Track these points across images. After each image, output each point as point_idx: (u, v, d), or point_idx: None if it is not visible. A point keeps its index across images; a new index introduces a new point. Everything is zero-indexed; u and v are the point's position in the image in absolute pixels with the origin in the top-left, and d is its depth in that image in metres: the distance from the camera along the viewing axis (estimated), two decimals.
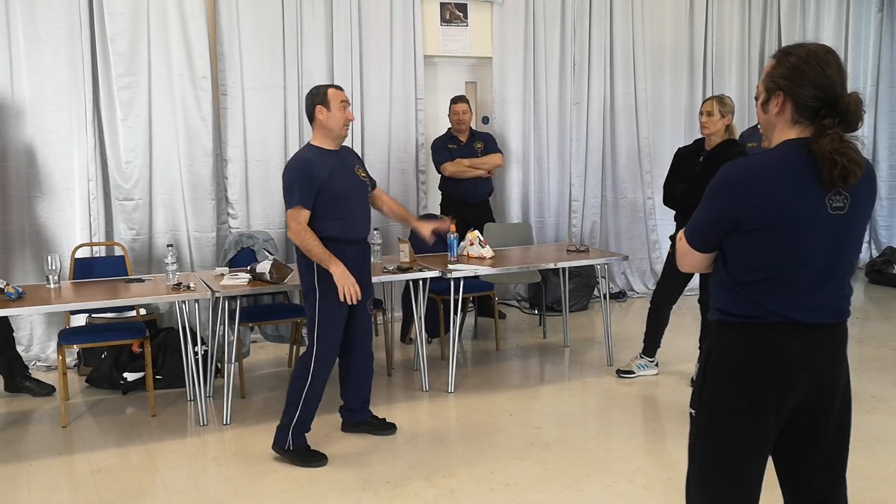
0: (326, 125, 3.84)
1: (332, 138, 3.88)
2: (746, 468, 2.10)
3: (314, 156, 3.83)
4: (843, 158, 1.92)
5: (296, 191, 3.76)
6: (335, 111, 3.82)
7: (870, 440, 4.02)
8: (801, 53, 2.02)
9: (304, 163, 3.81)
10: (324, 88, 3.88)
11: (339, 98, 3.85)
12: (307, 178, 3.75)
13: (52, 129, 5.48)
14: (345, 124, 3.86)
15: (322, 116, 3.83)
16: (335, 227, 3.82)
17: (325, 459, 3.87)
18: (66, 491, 3.63)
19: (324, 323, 3.84)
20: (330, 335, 3.87)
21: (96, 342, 4.79)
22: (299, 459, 3.85)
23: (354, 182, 3.94)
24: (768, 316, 2.04)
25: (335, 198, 3.81)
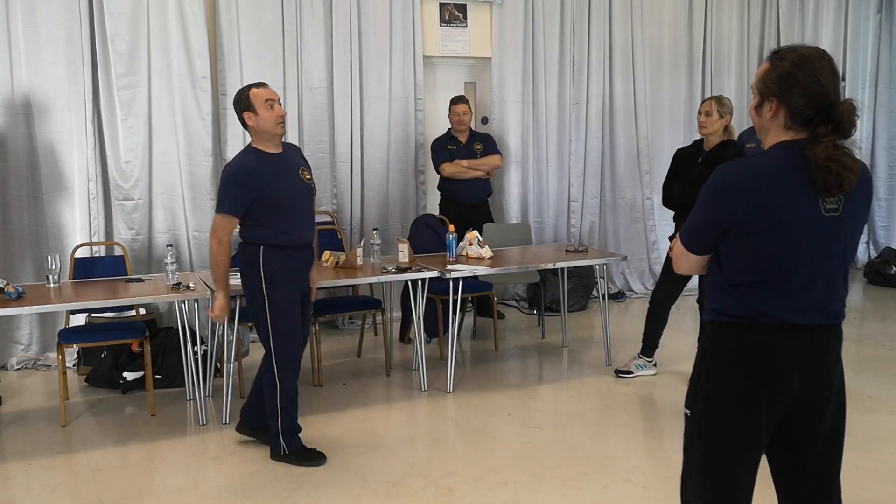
0: (258, 129, 3.69)
1: (269, 139, 3.73)
2: (739, 468, 2.12)
3: (256, 161, 3.70)
4: (837, 166, 1.92)
5: (229, 198, 3.66)
6: (262, 112, 3.66)
7: (867, 440, 4.03)
8: (794, 59, 2.00)
9: (244, 171, 3.67)
10: (246, 91, 3.71)
11: (263, 98, 3.68)
12: (244, 188, 3.64)
13: (52, 129, 5.49)
14: (277, 122, 3.70)
15: (251, 122, 3.69)
16: (278, 234, 3.71)
17: (323, 457, 3.86)
18: (65, 490, 3.63)
19: (278, 328, 3.75)
20: (287, 337, 3.79)
21: (96, 342, 4.80)
22: (298, 460, 3.84)
23: (298, 186, 3.79)
24: (761, 317, 2.05)
25: (277, 205, 3.69)
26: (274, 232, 3.71)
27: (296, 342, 3.85)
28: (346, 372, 5.40)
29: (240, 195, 3.65)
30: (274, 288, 3.73)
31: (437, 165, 6.34)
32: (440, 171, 6.32)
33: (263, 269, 3.72)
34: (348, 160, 6.45)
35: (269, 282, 3.72)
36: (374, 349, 5.90)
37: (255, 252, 3.72)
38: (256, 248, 3.73)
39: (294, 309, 3.82)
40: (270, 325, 3.76)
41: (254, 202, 3.66)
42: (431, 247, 5.69)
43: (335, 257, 4.99)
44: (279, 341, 3.77)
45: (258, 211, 3.68)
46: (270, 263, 3.72)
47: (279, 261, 3.73)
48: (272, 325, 3.76)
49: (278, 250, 3.73)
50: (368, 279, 4.96)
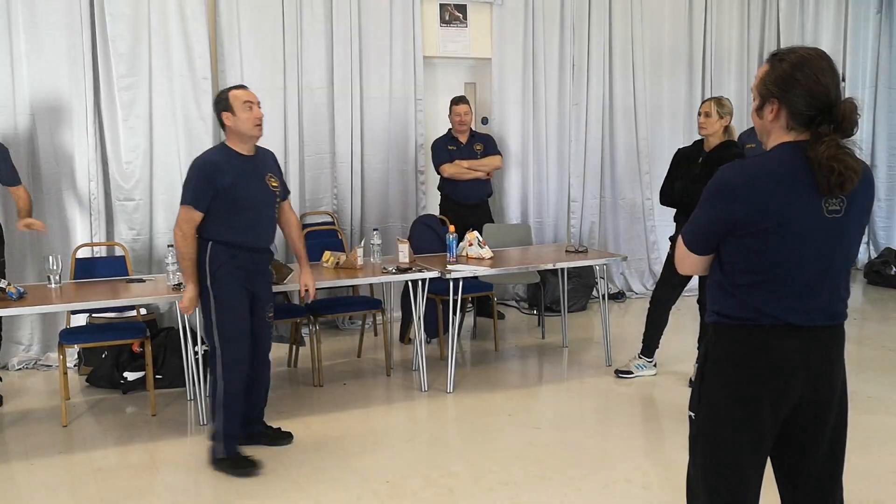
0: (236, 130, 3.73)
1: (244, 141, 3.77)
2: (744, 468, 2.12)
3: (223, 159, 3.73)
4: (839, 165, 1.92)
5: (191, 190, 3.68)
6: (240, 113, 3.70)
7: (867, 440, 4.03)
8: (793, 60, 2.00)
9: (208, 165, 3.70)
10: (226, 93, 3.76)
11: (242, 99, 3.72)
12: (207, 181, 3.66)
13: (53, 130, 5.50)
14: (255, 125, 3.74)
15: (230, 122, 3.72)
16: (233, 233, 3.72)
17: (255, 466, 3.76)
18: (66, 490, 3.64)
19: (222, 326, 3.73)
20: (231, 336, 3.74)
21: (97, 342, 4.80)
22: (231, 468, 3.75)
23: (261, 191, 3.81)
24: (764, 318, 2.05)
25: (237, 205, 3.70)
26: (224, 229, 3.71)
27: (241, 343, 3.78)
28: (346, 372, 5.41)
29: (202, 188, 3.66)
30: (218, 285, 3.72)
31: (437, 166, 6.35)
32: (440, 172, 6.33)
33: (209, 265, 3.71)
34: (348, 160, 6.46)
35: (214, 278, 3.71)
36: (374, 349, 5.90)
37: (204, 247, 3.73)
38: (205, 242, 3.73)
39: (240, 309, 3.77)
40: (215, 323, 3.73)
41: (214, 198, 3.67)
42: (431, 247, 5.69)
43: (335, 257, 4.99)
44: (223, 340, 3.74)
45: (214, 206, 3.68)
46: (215, 260, 3.71)
47: (224, 258, 3.71)
48: (216, 323, 3.73)
49: (225, 248, 3.72)
50: (369, 279, 4.97)
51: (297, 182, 6.30)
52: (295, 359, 5.49)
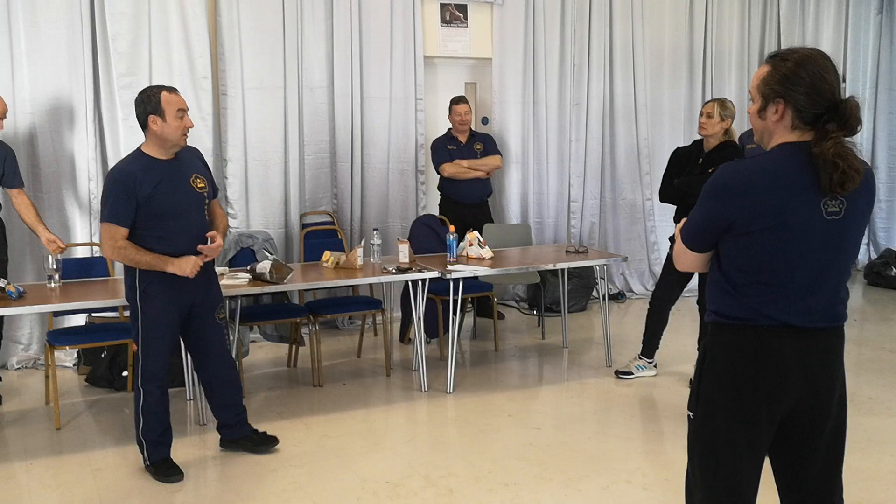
0: (161, 136, 3.53)
1: (167, 148, 3.59)
2: (742, 469, 2.12)
3: (140, 168, 3.54)
4: (844, 163, 1.93)
5: (109, 206, 3.50)
6: (171, 121, 3.52)
7: (867, 441, 4.03)
8: (797, 59, 2.01)
9: (125, 177, 3.51)
10: (157, 94, 3.52)
11: (175, 105, 3.53)
12: (125, 195, 3.48)
13: (53, 129, 5.49)
14: (183, 134, 3.57)
15: (156, 127, 3.51)
16: (161, 245, 3.56)
17: (180, 475, 3.70)
18: (66, 490, 3.63)
19: (146, 339, 3.64)
20: (153, 351, 3.65)
21: (86, 343, 4.77)
22: (155, 473, 3.71)
23: (187, 196, 3.64)
24: (761, 319, 2.05)
25: (159, 214, 3.54)
26: (151, 243, 3.55)
27: (160, 357, 3.69)
28: (345, 372, 5.40)
29: (120, 201, 3.49)
30: (146, 301, 3.62)
31: (437, 165, 6.35)
32: (440, 172, 6.33)
33: (138, 281, 3.60)
34: (348, 160, 6.45)
35: (143, 293, 3.60)
36: (374, 349, 5.89)
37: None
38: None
39: (166, 323, 3.67)
40: (140, 336, 3.64)
41: (137, 211, 3.51)
42: (432, 247, 5.69)
43: (335, 257, 4.99)
44: (145, 353, 3.64)
45: (138, 219, 3.53)
46: (145, 276, 3.59)
47: (153, 275, 3.58)
48: (141, 337, 3.64)
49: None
50: (368, 279, 4.96)
51: (296, 182, 6.30)
52: (295, 359, 5.49)
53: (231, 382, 4.01)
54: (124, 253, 3.52)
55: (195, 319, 3.79)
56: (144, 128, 3.58)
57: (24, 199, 4.82)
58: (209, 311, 3.84)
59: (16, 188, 4.80)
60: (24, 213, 4.79)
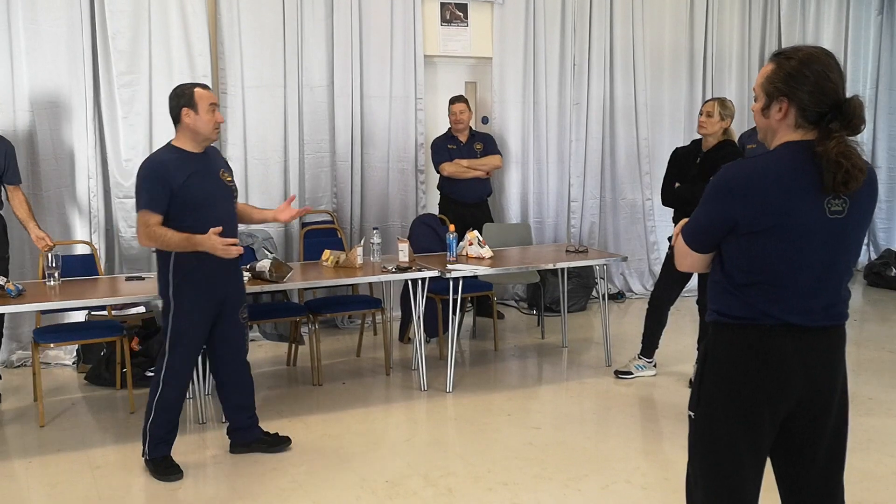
0: (194, 129, 3.61)
1: (199, 142, 3.66)
2: (743, 469, 2.11)
3: (172, 158, 3.61)
4: (847, 162, 1.92)
5: (144, 194, 3.55)
6: (203, 114, 3.59)
7: (867, 442, 4.03)
8: (801, 57, 2.00)
9: (158, 165, 3.58)
10: (190, 89, 3.62)
11: (207, 100, 3.61)
12: (159, 182, 3.53)
13: (53, 127, 5.49)
14: (215, 128, 3.65)
15: (189, 120, 3.59)
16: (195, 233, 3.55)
17: (179, 474, 3.69)
18: (65, 488, 3.63)
19: (176, 334, 3.66)
20: (182, 346, 3.68)
21: (71, 340, 4.75)
22: (154, 470, 3.71)
23: (217, 187, 3.70)
24: (763, 318, 2.05)
25: (192, 204, 3.57)
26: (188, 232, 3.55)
27: (189, 353, 3.74)
28: (345, 371, 5.40)
29: (155, 189, 3.53)
30: (179, 294, 3.63)
31: (436, 165, 6.35)
32: (440, 171, 6.33)
33: (172, 274, 3.61)
34: (348, 159, 6.45)
35: (176, 287, 3.62)
36: (373, 349, 5.89)
37: (167, 256, 3.62)
38: (168, 253, 3.62)
39: (197, 319, 3.69)
40: (170, 330, 3.66)
41: (171, 200, 3.56)
42: (431, 246, 5.69)
43: (335, 256, 4.98)
44: (173, 348, 3.67)
45: (172, 209, 3.56)
46: (179, 269, 3.61)
47: (189, 267, 3.60)
48: (171, 330, 3.66)
49: (191, 256, 3.56)
50: (368, 278, 4.96)
51: (296, 181, 6.30)
52: (294, 358, 5.48)
53: (248, 384, 4.00)
54: (156, 234, 3.52)
55: (221, 317, 3.79)
56: (177, 122, 3.65)
57: (21, 195, 4.82)
58: (234, 310, 3.85)
59: (15, 184, 4.80)
60: (18, 209, 4.79)
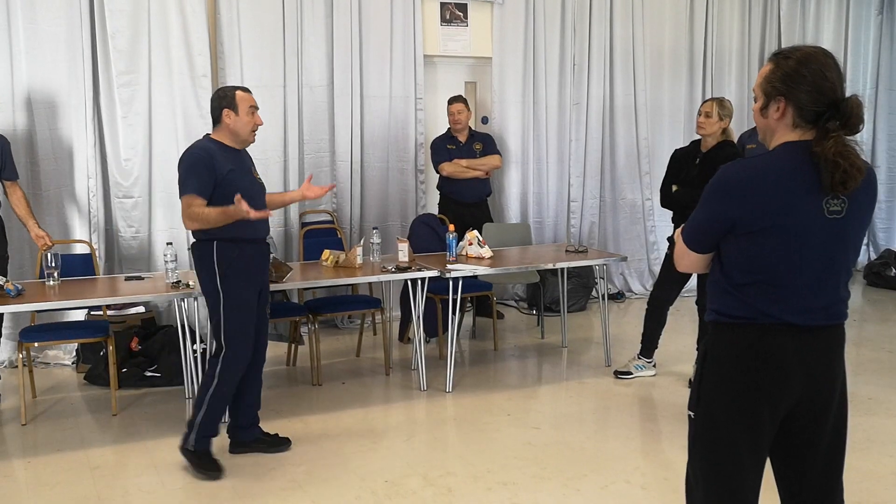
0: (233, 129, 3.71)
1: (238, 142, 3.76)
2: (743, 469, 2.11)
3: (216, 149, 3.68)
4: (845, 162, 1.92)
5: (193, 179, 3.58)
6: (243, 116, 3.69)
7: (867, 441, 4.03)
8: (799, 57, 2.01)
9: (205, 153, 3.63)
10: (231, 91, 3.73)
11: (248, 102, 3.71)
12: (206, 169, 3.59)
13: (52, 127, 5.49)
14: (253, 130, 3.74)
15: (229, 121, 3.69)
16: (231, 228, 3.61)
17: (220, 472, 3.71)
18: (64, 488, 3.62)
19: (231, 325, 3.68)
20: (241, 337, 3.71)
21: (58, 340, 4.76)
22: (197, 463, 3.72)
23: (252, 183, 3.78)
24: (763, 318, 2.05)
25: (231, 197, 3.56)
26: (227, 225, 3.61)
27: (248, 342, 3.76)
28: (344, 371, 5.40)
29: (203, 175, 3.59)
30: (228, 283, 3.67)
31: (436, 165, 6.35)
32: (439, 171, 6.33)
33: (217, 264, 3.65)
34: (348, 159, 6.45)
35: (224, 277, 3.66)
36: (373, 348, 5.89)
37: (209, 247, 3.66)
38: (209, 243, 3.65)
39: (250, 306, 3.75)
40: (224, 321, 3.67)
41: (215, 186, 3.61)
42: (431, 246, 5.68)
43: (335, 256, 4.98)
44: (229, 339, 3.69)
45: (215, 198, 3.60)
46: (224, 258, 3.66)
47: (233, 255, 3.67)
48: (226, 322, 3.67)
49: (231, 245, 3.66)
50: (368, 278, 4.95)
51: (296, 180, 6.29)
52: (294, 358, 5.48)
53: (260, 380, 4.03)
54: (197, 213, 3.56)
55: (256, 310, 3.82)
56: (217, 122, 3.74)
57: (19, 191, 4.80)
58: (264, 302, 3.91)
59: (12, 180, 4.79)
60: (17, 206, 4.78)
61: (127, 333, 5.20)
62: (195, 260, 3.76)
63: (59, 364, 5.46)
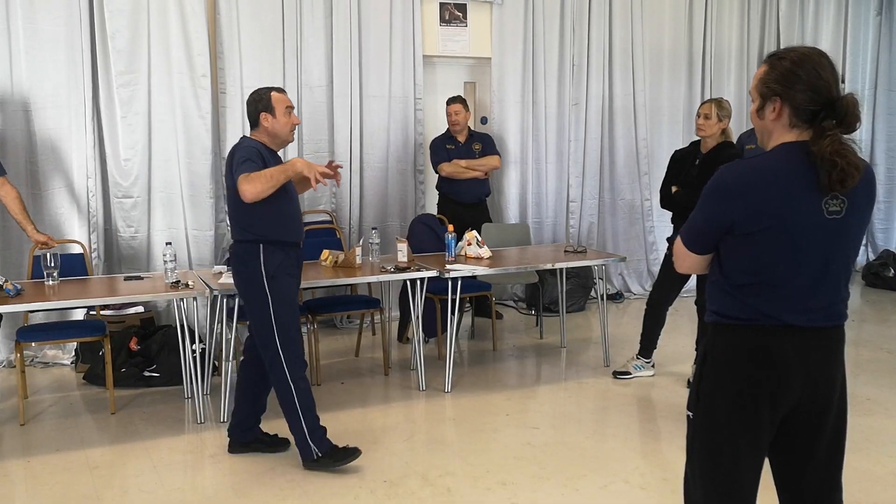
0: (272, 132, 3.71)
1: (277, 143, 3.77)
2: (742, 469, 2.11)
3: (261, 147, 3.70)
4: (842, 160, 1.92)
5: (250, 164, 3.55)
6: (280, 117, 3.69)
7: (865, 442, 4.03)
8: (794, 57, 2.01)
9: (258, 146, 3.67)
10: (267, 94, 3.72)
11: (284, 103, 3.72)
12: (261, 159, 3.60)
13: (52, 126, 5.49)
14: (291, 130, 3.76)
15: (267, 123, 3.69)
16: (281, 229, 3.67)
17: (357, 452, 3.76)
18: (63, 487, 3.62)
19: (284, 327, 3.67)
20: (293, 338, 3.71)
21: (54, 339, 4.76)
22: (332, 461, 3.72)
23: (290, 184, 3.78)
24: (762, 319, 2.05)
25: (282, 195, 3.63)
26: (273, 226, 3.66)
27: (300, 339, 3.78)
28: (343, 371, 5.40)
29: (259, 163, 3.58)
30: (276, 285, 3.67)
31: (435, 165, 6.35)
32: (438, 171, 6.33)
33: (264, 266, 3.65)
34: (347, 159, 6.45)
35: (272, 279, 3.66)
36: (372, 348, 5.89)
37: (255, 249, 3.65)
38: (255, 245, 3.65)
39: (295, 305, 3.79)
40: (276, 324, 3.66)
41: None
42: (430, 246, 5.69)
43: (334, 256, 4.98)
44: (286, 340, 3.68)
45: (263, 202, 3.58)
46: (270, 261, 3.66)
47: (279, 257, 3.69)
48: (277, 324, 3.66)
49: (277, 247, 3.68)
50: (367, 278, 4.96)
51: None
52: None
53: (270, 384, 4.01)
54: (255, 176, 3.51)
55: None
56: (255, 125, 3.74)
57: (9, 189, 4.72)
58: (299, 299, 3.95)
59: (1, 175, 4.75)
60: (9, 205, 4.72)
61: (126, 333, 5.20)
62: (237, 261, 3.73)
63: (59, 364, 5.46)
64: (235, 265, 3.77)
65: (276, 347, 3.68)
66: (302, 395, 3.72)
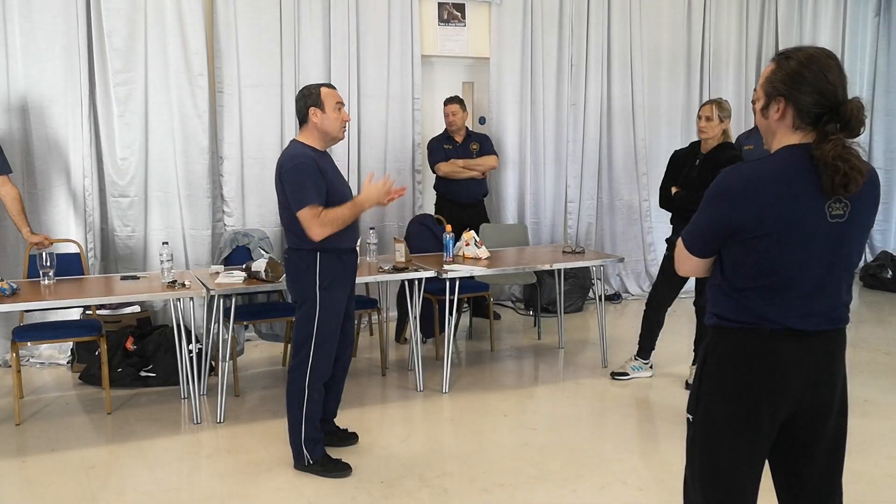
0: (321, 128, 3.61)
1: (326, 141, 3.67)
2: (742, 473, 2.10)
3: (313, 154, 3.58)
4: (845, 165, 1.90)
5: (310, 190, 3.47)
6: (330, 113, 3.59)
7: (863, 444, 4.03)
8: (801, 58, 1.99)
9: (310, 160, 3.52)
10: (317, 89, 3.62)
11: (334, 99, 3.62)
12: (318, 175, 3.49)
13: (48, 125, 5.47)
14: (342, 126, 3.65)
15: (317, 119, 3.59)
16: (337, 236, 3.57)
17: (349, 469, 3.72)
18: (59, 488, 3.61)
19: (321, 336, 3.64)
20: (326, 348, 3.68)
21: (50, 339, 4.75)
22: (323, 470, 3.70)
23: (343, 184, 3.73)
24: (764, 322, 2.03)
25: (331, 202, 3.54)
26: (332, 236, 3.55)
27: (333, 353, 3.74)
28: None
29: (317, 181, 3.50)
30: (327, 295, 3.62)
31: (432, 165, 6.35)
32: (436, 171, 6.32)
33: (319, 276, 3.59)
34: (345, 159, 6.43)
35: (324, 289, 3.61)
36: (370, 349, 5.88)
37: (311, 258, 3.58)
38: (312, 253, 3.58)
39: (340, 317, 3.72)
40: (316, 335, 3.63)
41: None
42: (428, 246, 5.68)
43: None
44: (318, 351, 3.65)
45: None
46: (325, 271, 3.60)
47: (336, 268, 3.63)
48: (317, 336, 3.63)
49: (334, 256, 3.62)
50: (365, 279, 4.94)
51: None
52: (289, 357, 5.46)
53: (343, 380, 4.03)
54: (328, 218, 3.48)
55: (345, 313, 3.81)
56: (304, 122, 3.65)
57: (10, 188, 4.72)
58: (351, 302, 3.90)
59: (2, 175, 4.73)
60: (8, 205, 4.71)
61: (122, 333, 5.19)
62: (293, 269, 3.67)
63: (55, 363, 5.44)
64: (290, 273, 3.71)
65: (309, 355, 3.65)
66: (312, 405, 3.70)
